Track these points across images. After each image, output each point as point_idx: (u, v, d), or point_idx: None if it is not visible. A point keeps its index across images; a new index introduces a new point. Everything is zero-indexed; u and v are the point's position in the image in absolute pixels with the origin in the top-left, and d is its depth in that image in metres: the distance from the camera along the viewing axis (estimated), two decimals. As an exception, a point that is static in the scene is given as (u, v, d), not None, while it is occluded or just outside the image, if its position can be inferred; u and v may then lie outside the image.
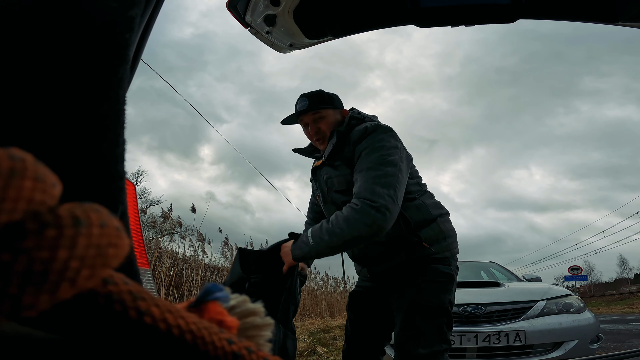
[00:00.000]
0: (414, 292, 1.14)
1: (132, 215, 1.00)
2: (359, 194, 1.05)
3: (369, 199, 1.02)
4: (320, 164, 1.25)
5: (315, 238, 1.05)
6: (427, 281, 1.15)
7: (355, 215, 1.01)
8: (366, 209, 1.01)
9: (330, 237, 1.03)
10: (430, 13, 1.25)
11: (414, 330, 1.10)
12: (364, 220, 1.00)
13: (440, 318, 1.13)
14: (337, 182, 1.19)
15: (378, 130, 1.15)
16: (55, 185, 0.14)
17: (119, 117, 0.26)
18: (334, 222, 1.04)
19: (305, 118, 1.23)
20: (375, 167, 1.07)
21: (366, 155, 1.11)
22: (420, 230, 1.17)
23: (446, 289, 1.17)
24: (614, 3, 1.18)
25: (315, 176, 1.29)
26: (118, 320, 0.15)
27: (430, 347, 1.09)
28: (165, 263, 5.04)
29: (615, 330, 6.57)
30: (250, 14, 1.20)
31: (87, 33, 0.24)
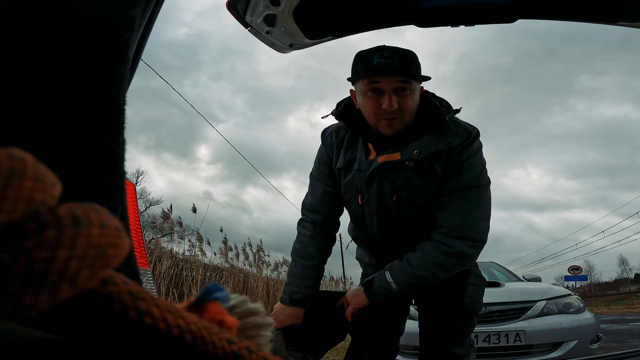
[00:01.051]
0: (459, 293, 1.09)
1: (132, 215, 1.00)
2: (459, 231, 0.88)
3: (470, 237, 0.90)
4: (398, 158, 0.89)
5: (399, 283, 0.95)
6: (471, 283, 1.12)
7: (449, 259, 0.90)
8: (465, 251, 0.90)
9: (418, 282, 0.94)
10: (430, 13, 1.25)
11: (454, 331, 1.08)
12: (460, 262, 0.93)
13: (475, 319, 1.13)
14: (418, 195, 0.92)
15: (478, 139, 0.93)
16: (55, 185, 0.14)
17: (119, 117, 0.26)
18: (421, 267, 0.92)
19: (385, 83, 0.85)
20: (477, 196, 0.90)
21: (468, 176, 0.89)
22: None
23: (482, 291, 1.15)
24: (614, 3, 1.18)
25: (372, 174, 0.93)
26: (118, 320, 0.15)
27: (466, 348, 1.09)
28: (165, 263, 5.03)
29: (615, 330, 6.57)
30: (250, 14, 1.20)
31: (87, 33, 0.24)
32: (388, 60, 0.84)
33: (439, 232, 0.92)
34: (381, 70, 0.84)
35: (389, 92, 0.85)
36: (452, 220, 0.89)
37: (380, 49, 0.87)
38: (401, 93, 0.86)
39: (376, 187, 0.95)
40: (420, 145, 0.88)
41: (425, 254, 0.92)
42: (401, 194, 0.93)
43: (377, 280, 1.00)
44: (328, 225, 1.08)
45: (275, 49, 1.37)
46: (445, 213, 0.90)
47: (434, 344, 1.11)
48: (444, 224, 0.91)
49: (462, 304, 1.09)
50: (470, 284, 1.12)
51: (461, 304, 1.09)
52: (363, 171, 0.96)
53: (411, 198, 0.93)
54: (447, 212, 0.90)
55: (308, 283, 1.03)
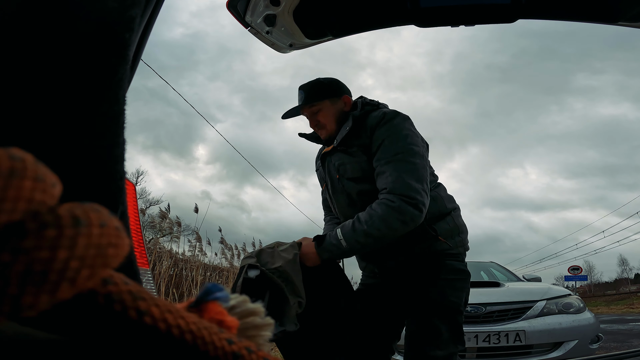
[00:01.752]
0: (431, 290, 1.08)
1: (132, 215, 1.00)
2: (393, 189, 1.01)
3: (406, 194, 1.00)
4: (331, 149, 1.20)
5: (349, 240, 1.01)
6: (444, 279, 1.10)
7: (392, 214, 0.99)
8: (404, 207, 0.99)
9: (366, 239, 1.00)
10: (430, 13, 1.25)
11: (431, 331, 1.05)
12: (402, 217, 0.99)
13: (458, 317, 1.09)
14: (350, 169, 1.13)
15: (398, 117, 1.11)
16: (55, 185, 0.14)
17: (118, 117, 0.26)
18: (368, 222, 1.00)
19: (304, 111, 1.20)
20: (404, 158, 1.04)
21: (390, 144, 1.06)
22: (436, 224, 1.12)
23: (463, 287, 1.13)
24: (614, 3, 1.18)
25: (325, 163, 1.23)
26: (118, 320, 0.15)
27: (447, 349, 1.04)
28: (165, 263, 5.04)
29: (615, 330, 6.57)
30: (250, 14, 1.20)
31: (87, 33, 0.24)
32: (300, 97, 1.20)
33: (380, 194, 1.05)
34: (300, 106, 1.20)
35: (309, 115, 1.20)
36: (387, 181, 1.04)
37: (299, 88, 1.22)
38: (315, 114, 1.19)
39: (327, 171, 1.22)
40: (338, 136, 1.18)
41: (372, 210, 1.02)
42: (340, 171, 1.17)
43: (328, 237, 1.05)
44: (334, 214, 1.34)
45: (275, 49, 1.37)
46: (381, 177, 1.06)
47: (411, 344, 1.08)
48: (382, 187, 1.05)
49: (432, 300, 1.07)
50: (444, 279, 1.09)
51: (430, 301, 1.07)
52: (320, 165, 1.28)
53: (347, 172, 1.15)
54: (383, 176, 1.06)
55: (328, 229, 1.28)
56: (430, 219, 1.11)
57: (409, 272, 1.14)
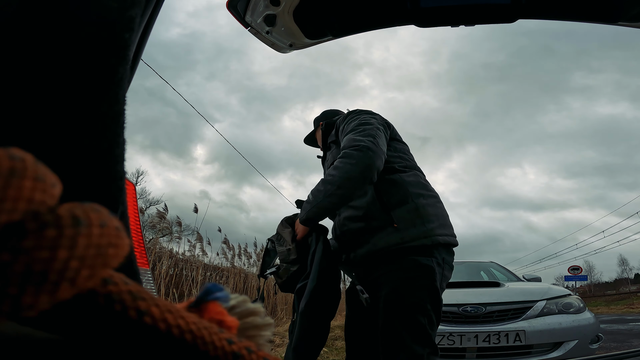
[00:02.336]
0: (387, 289, 1.04)
1: (132, 215, 1.00)
2: (342, 148, 1.14)
3: (349, 145, 1.11)
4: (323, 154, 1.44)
5: (313, 192, 1.13)
6: (401, 278, 1.04)
7: (340, 160, 1.10)
8: (348, 152, 1.10)
9: (325, 186, 1.09)
10: (430, 13, 1.25)
11: (392, 333, 1.00)
12: (349, 160, 1.08)
13: (420, 317, 1.01)
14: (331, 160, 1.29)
15: (355, 110, 1.32)
16: (55, 185, 0.14)
17: (118, 117, 0.26)
18: (325, 175, 1.13)
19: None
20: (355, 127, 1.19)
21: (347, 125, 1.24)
22: (393, 210, 1.09)
23: (422, 284, 1.03)
24: (614, 3, 1.18)
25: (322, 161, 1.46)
26: (118, 320, 0.15)
27: (411, 351, 0.98)
28: (165, 263, 5.04)
29: (615, 330, 6.57)
30: (250, 14, 1.20)
31: (87, 33, 0.24)
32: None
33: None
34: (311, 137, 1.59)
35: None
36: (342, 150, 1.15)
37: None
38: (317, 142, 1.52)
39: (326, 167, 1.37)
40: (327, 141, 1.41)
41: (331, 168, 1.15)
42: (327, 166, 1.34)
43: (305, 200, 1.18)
44: None
45: (275, 49, 1.37)
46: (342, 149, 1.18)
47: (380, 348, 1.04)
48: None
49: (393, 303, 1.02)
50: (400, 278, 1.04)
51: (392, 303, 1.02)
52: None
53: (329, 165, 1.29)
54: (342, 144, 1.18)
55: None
56: (387, 202, 1.12)
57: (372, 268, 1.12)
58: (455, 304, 2.71)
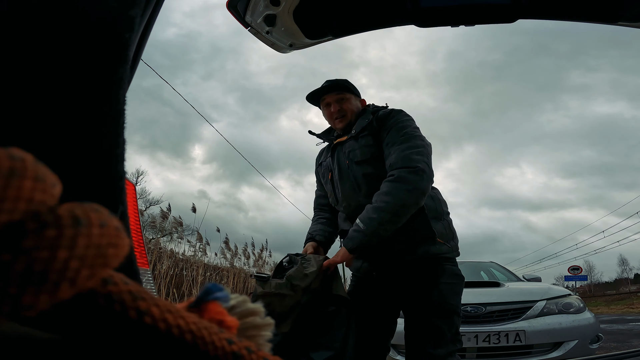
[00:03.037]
0: (434, 293, 1.14)
1: (132, 215, 1.00)
2: (394, 164, 1.11)
3: (406, 166, 1.09)
4: (345, 139, 1.30)
5: (365, 220, 1.08)
6: (445, 283, 1.15)
7: (395, 185, 1.07)
8: (404, 175, 1.07)
9: (378, 214, 1.06)
10: (430, 13, 1.25)
11: (433, 331, 1.11)
12: (405, 186, 1.06)
13: (457, 319, 1.14)
14: (360, 152, 1.23)
15: (403, 112, 1.27)
16: (55, 185, 0.14)
17: (118, 117, 0.26)
18: (377, 200, 1.08)
19: (329, 97, 1.31)
20: (407, 139, 1.15)
21: (396, 131, 1.19)
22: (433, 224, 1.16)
23: (460, 290, 1.19)
24: (614, 3, 1.18)
25: (334, 153, 1.33)
26: (118, 320, 0.15)
27: (447, 348, 1.10)
28: (165, 263, 5.04)
29: (615, 330, 6.57)
30: (250, 14, 1.20)
31: (87, 33, 0.24)
32: (328, 84, 1.32)
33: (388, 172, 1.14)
34: (325, 90, 1.31)
35: (333, 102, 1.31)
36: (391, 159, 1.14)
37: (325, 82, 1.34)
38: (341, 101, 1.31)
39: (336, 159, 1.31)
40: (356, 126, 1.29)
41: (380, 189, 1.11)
42: (350, 157, 1.26)
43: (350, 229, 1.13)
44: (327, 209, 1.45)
45: (275, 49, 1.37)
46: (388, 159, 1.16)
47: (413, 344, 1.14)
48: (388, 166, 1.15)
49: (433, 302, 1.12)
50: (444, 282, 1.15)
51: (431, 302, 1.13)
52: (329, 156, 1.36)
53: (356, 156, 1.25)
54: (389, 158, 1.15)
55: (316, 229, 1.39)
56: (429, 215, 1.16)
57: (409, 275, 1.18)
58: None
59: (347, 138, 1.29)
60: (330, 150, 1.35)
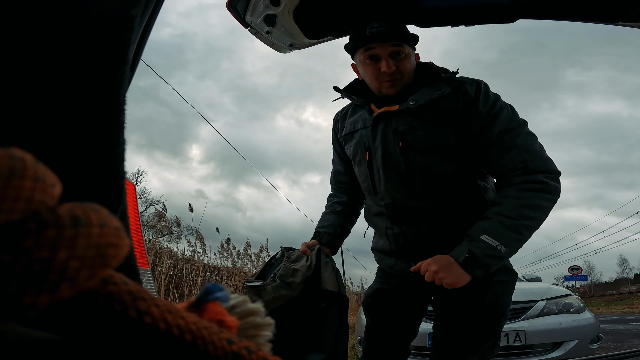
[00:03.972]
0: (486, 294, 0.94)
1: (132, 215, 1.00)
2: (533, 168, 0.86)
3: (548, 170, 0.87)
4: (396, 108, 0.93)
5: (507, 242, 0.83)
6: (498, 281, 0.96)
7: (543, 196, 0.85)
8: (551, 184, 0.86)
9: (524, 235, 0.85)
10: (430, 13, 1.25)
11: (474, 337, 0.94)
12: (552, 197, 0.86)
13: (503, 320, 0.97)
14: (423, 136, 0.92)
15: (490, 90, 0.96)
16: (55, 185, 0.14)
17: (119, 117, 0.26)
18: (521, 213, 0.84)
19: (380, 49, 0.92)
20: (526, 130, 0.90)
21: (506, 117, 0.90)
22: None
23: (512, 289, 0.99)
24: (614, 3, 1.18)
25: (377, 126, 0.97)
26: (118, 320, 0.15)
27: (484, 356, 0.94)
28: (165, 263, 5.04)
29: (615, 330, 6.57)
30: (250, 14, 1.20)
31: (87, 33, 0.24)
32: (379, 29, 0.91)
33: (514, 175, 0.88)
34: (374, 38, 0.91)
35: (385, 56, 0.92)
36: (520, 159, 0.87)
37: (371, 19, 0.93)
38: (396, 57, 0.93)
39: (380, 137, 0.96)
40: (417, 96, 0.93)
41: (516, 199, 0.85)
42: (407, 139, 0.93)
43: (476, 249, 0.84)
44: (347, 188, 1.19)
45: (275, 49, 1.37)
46: (508, 156, 0.88)
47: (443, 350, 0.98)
48: (516, 166, 0.88)
49: (485, 304, 0.94)
50: (498, 280, 0.96)
51: (483, 305, 0.94)
52: (367, 127, 1.00)
53: (418, 142, 0.92)
54: (509, 155, 0.88)
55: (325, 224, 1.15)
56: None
57: None
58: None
59: (400, 110, 0.93)
60: (372, 121, 0.97)
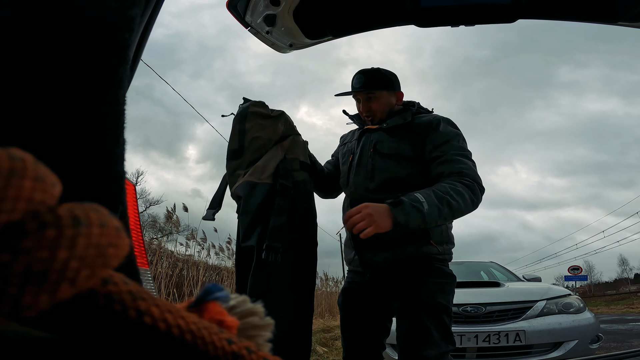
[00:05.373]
0: (422, 291, 1.13)
1: (132, 215, 1.00)
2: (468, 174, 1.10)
3: (477, 181, 1.10)
4: (376, 127, 1.27)
5: (431, 204, 1.01)
6: (433, 282, 1.15)
7: (468, 191, 1.07)
8: (476, 188, 1.08)
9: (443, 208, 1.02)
10: (430, 13, 1.26)
11: (422, 331, 1.10)
12: (474, 197, 1.08)
13: (446, 318, 1.13)
14: (388, 146, 1.21)
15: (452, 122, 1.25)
16: (55, 185, 0.14)
17: (119, 117, 0.26)
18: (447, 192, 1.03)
19: (359, 94, 1.27)
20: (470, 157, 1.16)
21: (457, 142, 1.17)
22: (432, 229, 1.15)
23: (450, 290, 1.18)
24: (614, 3, 1.18)
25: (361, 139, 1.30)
26: (118, 320, 0.15)
27: (438, 348, 1.09)
28: (165, 263, 5.04)
29: (615, 330, 6.57)
30: (250, 14, 1.20)
31: (87, 33, 0.24)
32: (359, 81, 1.25)
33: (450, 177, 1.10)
34: (356, 88, 1.26)
35: (362, 100, 1.27)
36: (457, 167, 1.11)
37: (358, 72, 1.27)
38: (370, 101, 1.26)
39: (361, 144, 1.29)
40: (390, 121, 1.26)
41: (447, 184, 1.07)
42: (377, 147, 1.24)
43: (405, 198, 1.01)
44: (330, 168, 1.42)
45: (275, 49, 1.37)
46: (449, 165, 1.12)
47: (404, 344, 1.13)
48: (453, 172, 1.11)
49: (421, 301, 1.11)
50: (433, 282, 1.14)
51: (425, 304, 1.11)
52: (355, 139, 1.34)
53: (384, 149, 1.23)
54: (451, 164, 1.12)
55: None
56: None
57: (398, 272, 1.18)
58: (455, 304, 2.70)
59: (378, 128, 1.25)
60: (358, 134, 1.31)
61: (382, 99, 1.25)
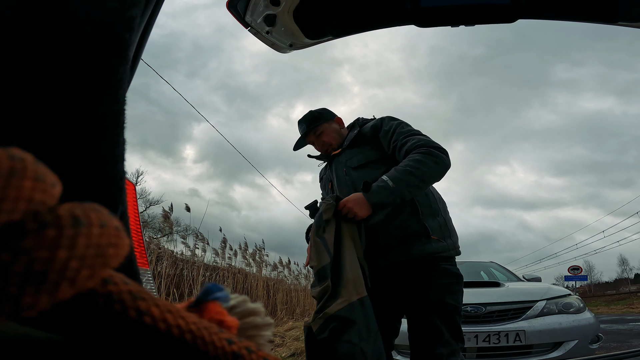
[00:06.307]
0: (430, 293, 1.16)
1: (132, 215, 1.00)
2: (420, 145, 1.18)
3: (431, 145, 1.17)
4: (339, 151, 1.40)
5: (394, 179, 1.11)
6: (440, 283, 1.17)
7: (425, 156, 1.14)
8: (434, 152, 1.16)
9: (408, 177, 1.11)
10: (430, 13, 1.25)
11: (433, 331, 1.13)
12: (434, 159, 1.14)
13: (456, 317, 1.16)
14: (357, 159, 1.33)
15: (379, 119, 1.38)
16: (55, 185, 0.14)
17: (118, 117, 0.26)
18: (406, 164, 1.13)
19: (309, 138, 1.44)
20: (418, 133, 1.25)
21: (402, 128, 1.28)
22: (427, 220, 1.20)
23: (458, 289, 1.21)
24: (614, 3, 1.18)
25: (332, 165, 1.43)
26: (118, 320, 0.15)
27: (450, 346, 1.11)
28: (165, 263, 5.04)
29: (615, 330, 6.57)
30: (250, 14, 1.20)
31: (87, 33, 0.24)
32: (302, 128, 1.44)
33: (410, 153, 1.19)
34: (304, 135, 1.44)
35: (315, 140, 1.44)
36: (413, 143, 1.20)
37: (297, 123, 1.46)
38: (319, 137, 1.42)
39: (334, 168, 1.41)
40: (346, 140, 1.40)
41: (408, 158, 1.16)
42: (347, 164, 1.36)
43: (373, 183, 1.15)
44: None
45: (275, 49, 1.37)
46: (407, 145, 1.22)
47: (416, 344, 1.16)
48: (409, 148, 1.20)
49: (430, 302, 1.15)
50: (440, 283, 1.17)
51: (429, 301, 1.15)
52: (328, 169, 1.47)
53: (353, 163, 1.34)
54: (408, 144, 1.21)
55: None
56: (422, 212, 1.21)
57: (406, 274, 1.20)
58: (455, 304, 2.70)
59: (340, 150, 1.40)
60: (329, 164, 1.45)
61: (327, 130, 1.42)
